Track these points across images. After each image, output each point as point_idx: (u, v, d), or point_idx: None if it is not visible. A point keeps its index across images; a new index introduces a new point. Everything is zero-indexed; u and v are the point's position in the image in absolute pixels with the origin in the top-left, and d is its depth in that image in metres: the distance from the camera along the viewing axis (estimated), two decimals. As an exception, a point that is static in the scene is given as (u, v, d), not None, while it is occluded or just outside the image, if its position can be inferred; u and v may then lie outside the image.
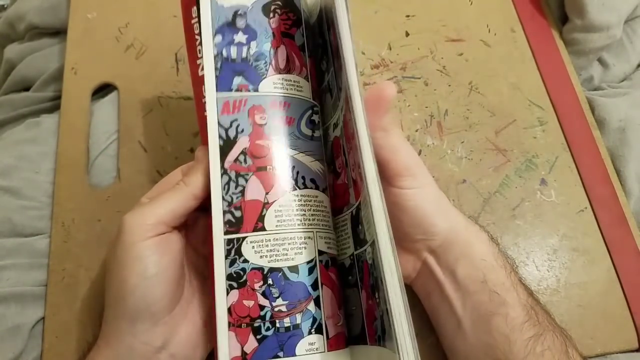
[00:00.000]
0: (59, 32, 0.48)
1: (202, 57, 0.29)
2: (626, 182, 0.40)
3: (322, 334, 0.27)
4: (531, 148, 0.41)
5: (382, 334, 0.25)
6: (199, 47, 0.30)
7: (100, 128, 0.42)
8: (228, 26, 0.29)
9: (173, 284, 0.27)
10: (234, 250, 0.26)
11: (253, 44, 0.29)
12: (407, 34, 0.46)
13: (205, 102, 0.28)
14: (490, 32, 0.46)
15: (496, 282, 0.29)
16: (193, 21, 0.30)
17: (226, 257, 0.26)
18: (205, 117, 0.28)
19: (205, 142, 0.28)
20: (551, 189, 0.40)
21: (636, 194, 0.40)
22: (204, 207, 0.28)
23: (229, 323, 0.26)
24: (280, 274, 0.26)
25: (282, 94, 0.29)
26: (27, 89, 0.48)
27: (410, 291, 0.33)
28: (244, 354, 0.25)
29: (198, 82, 0.29)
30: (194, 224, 0.30)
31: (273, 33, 0.29)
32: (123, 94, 0.43)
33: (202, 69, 0.29)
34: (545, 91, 0.43)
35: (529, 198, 0.39)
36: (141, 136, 0.41)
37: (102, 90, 0.45)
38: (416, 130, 0.42)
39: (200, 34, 0.29)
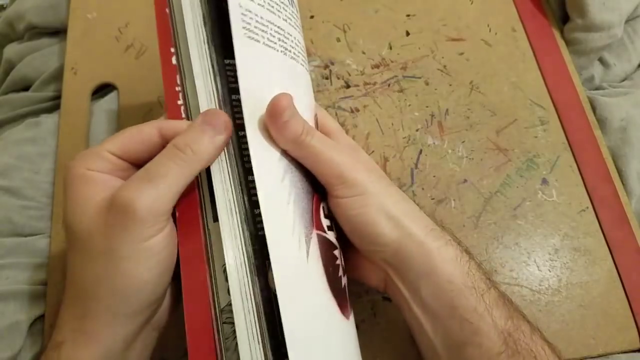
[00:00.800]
0: (58, 32, 0.48)
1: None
2: (628, 181, 0.40)
3: None
4: (532, 147, 0.41)
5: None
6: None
7: (100, 128, 0.42)
8: None
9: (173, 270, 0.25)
10: None
11: None
12: (408, 34, 0.46)
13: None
14: (491, 32, 0.46)
15: (467, 307, 0.26)
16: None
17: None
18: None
19: (172, 114, 0.27)
20: (552, 189, 0.39)
21: (638, 194, 0.40)
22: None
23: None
24: None
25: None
26: (26, 89, 0.48)
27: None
28: None
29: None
30: None
31: None
32: (123, 94, 0.43)
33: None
34: (546, 90, 0.43)
35: (530, 198, 0.39)
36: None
37: (102, 90, 0.45)
38: (417, 130, 0.41)
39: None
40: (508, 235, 0.38)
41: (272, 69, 0.28)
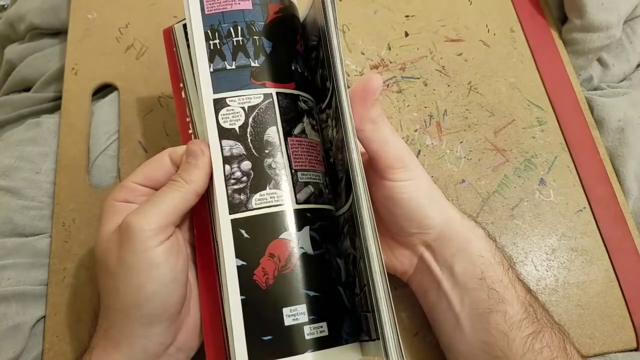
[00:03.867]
0: (59, 33, 0.49)
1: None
2: (625, 181, 0.40)
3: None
4: (530, 148, 0.41)
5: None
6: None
7: (101, 128, 0.42)
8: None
9: (186, 284, 0.28)
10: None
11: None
12: (407, 34, 0.46)
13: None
14: (489, 32, 0.46)
15: (494, 279, 0.29)
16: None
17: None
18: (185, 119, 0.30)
19: (185, 142, 0.30)
20: (550, 189, 0.40)
21: (635, 194, 0.40)
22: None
23: None
24: None
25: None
26: (27, 90, 0.48)
27: (410, 290, 0.33)
28: None
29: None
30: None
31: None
32: (123, 94, 0.43)
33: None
34: (544, 91, 0.43)
35: (528, 198, 0.39)
36: (141, 136, 0.41)
37: (102, 90, 0.45)
38: (415, 130, 0.42)
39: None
40: (506, 235, 0.38)
41: None
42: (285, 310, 0.26)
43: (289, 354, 0.25)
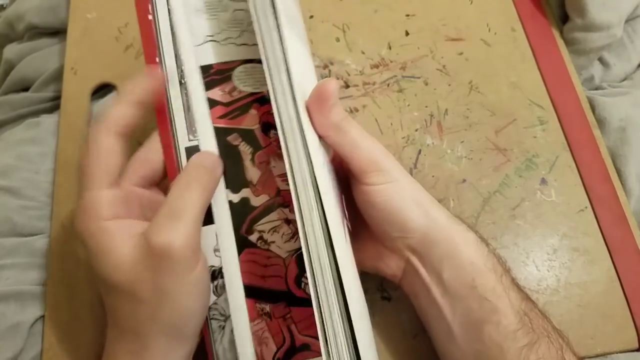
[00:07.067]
0: (58, 32, 0.48)
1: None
2: (627, 181, 0.40)
3: None
4: (531, 147, 0.41)
5: None
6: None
7: (100, 128, 0.42)
8: None
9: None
10: None
11: None
12: (407, 33, 0.46)
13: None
14: (490, 32, 0.46)
15: (486, 287, 0.27)
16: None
17: None
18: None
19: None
20: (551, 189, 0.40)
21: (637, 194, 0.40)
22: None
23: None
24: None
25: None
26: (26, 89, 0.48)
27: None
28: None
29: None
30: None
31: None
32: (123, 94, 0.43)
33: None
34: (545, 90, 0.43)
35: (529, 198, 0.39)
36: (141, 136, 0.41)
37: (102, 90, 0.45)
38: (416, 130, 0.41)
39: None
40: (507, 235, 0.38)
41: (304, 58, 0.29)
42: None
43: None
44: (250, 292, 0.27)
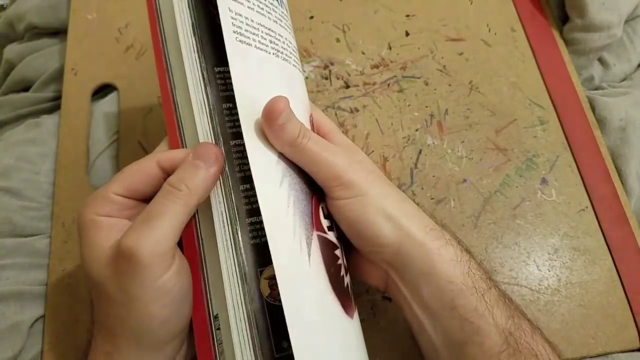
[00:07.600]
0: (58, 33, 0.48)
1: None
2: (627, 181, 0.40)
3: None
4: (532, 147, 0.41)
5: None
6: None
7: (100, 128, 0.42)
8: None
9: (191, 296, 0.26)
10: None
11: None
12: (407, 34, 0.46)
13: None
14: (490, 32, 0.46)
15: (467, 308, 0.26)
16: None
17: None
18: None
19: (173, 141, 0.27)
20: (552, 188, 0.40)
21: (637, 193, 0.40)
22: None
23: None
24: None
25: None
26: (26, 90, 0.48)
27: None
28: None
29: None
30: None
31: None
32: (123, 95, 0.43)
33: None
34: (545, 90, 0.43)
35: (530, 197, 0.39)
36: (141, 136, 0.41)
37: (102, 90, 0.45)
38: (416, 130, 0.42)
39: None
40: (507, 234, 0.38)
41: (265, 71, 0.28)
42: None
43: None
44: None
